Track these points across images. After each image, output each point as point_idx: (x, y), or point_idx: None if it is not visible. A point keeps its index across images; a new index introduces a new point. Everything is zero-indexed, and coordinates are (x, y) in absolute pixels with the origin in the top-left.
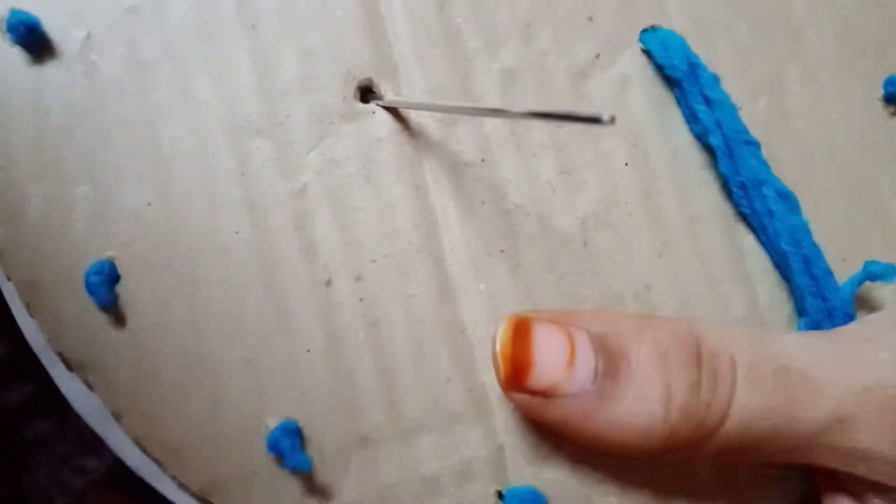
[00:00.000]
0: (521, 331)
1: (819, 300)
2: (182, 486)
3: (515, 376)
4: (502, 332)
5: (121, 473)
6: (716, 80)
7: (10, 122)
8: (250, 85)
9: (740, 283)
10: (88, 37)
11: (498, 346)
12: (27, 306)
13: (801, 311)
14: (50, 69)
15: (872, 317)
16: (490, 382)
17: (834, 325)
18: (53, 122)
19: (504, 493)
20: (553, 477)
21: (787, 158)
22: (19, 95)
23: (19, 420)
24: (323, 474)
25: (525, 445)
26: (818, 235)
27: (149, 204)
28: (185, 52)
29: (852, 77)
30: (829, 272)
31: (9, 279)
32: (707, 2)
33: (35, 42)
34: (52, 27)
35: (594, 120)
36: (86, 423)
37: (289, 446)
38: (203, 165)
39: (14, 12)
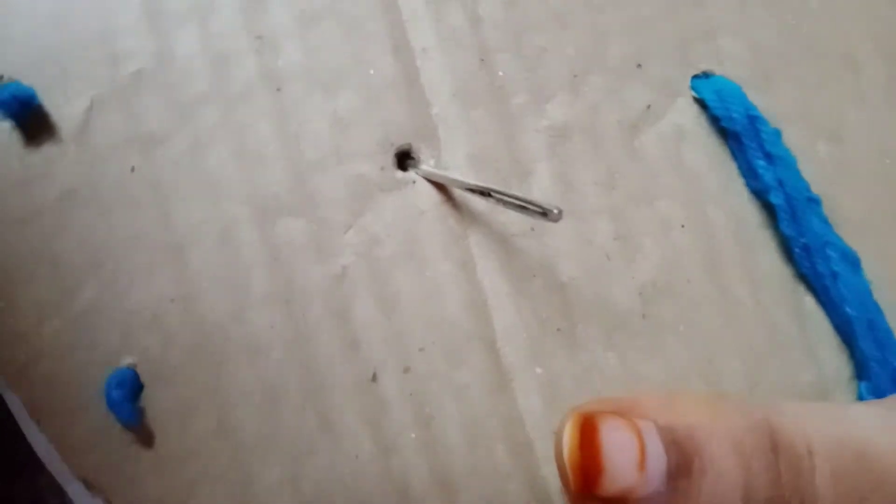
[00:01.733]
0: (587, 432)
1: (882, 365)
2: None
3: (586, 485)
4: (569, 436)
5: None
6: (777, 134)
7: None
8: (276, 157)
9: (805, 349)
10: (90, 107)
11: (566, 453)
12: (37, 423)
13: (861, 375)
14: (46, 149)
15: None
16: (552, 475)
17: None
18: (49, 210)
19: None
20: None
21: (845, 212)
22: (9, 184)
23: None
24: None
25: None
26: (877, 282)
27: (172, 300)
28: (199, 120)
29: None
30: (891, 334)
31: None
32: (764, 35)
33: (30, 117)
34: (50, 97)
35: (543, 213)
36: None
37: None
38: (226, 252)
39: (7, 86)
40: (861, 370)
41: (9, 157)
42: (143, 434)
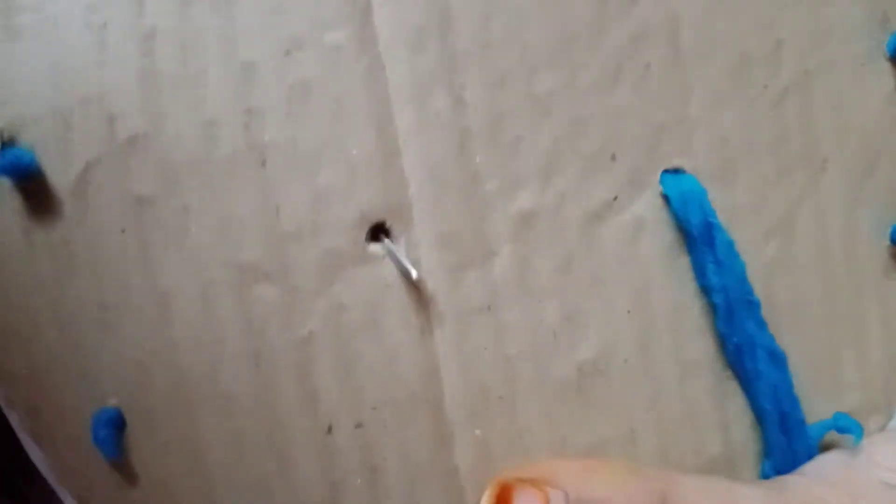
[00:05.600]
0: (503, 496)
1: (787, 450)
2: None
3: None
4: (487, 498)
5: None
6: (730, 244)
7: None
8: (257, 226)
9: (719, 427)
10: (85, 169)
11: None
12: (34, 435)
13: (767, 454)
14: (43, 211)
15: (823, 459)
16: None
17: (795, 467)
18: (48, 268)
19: None
20: None
21: (783, 303)
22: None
23: None
24: None
25: None
26: (799, 377)
27: (154, 352)
28: (187, 188)
29: (864, 216)
30: (802, 423)
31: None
32: (736, 135)
33: (30, 180)
34: (47, 157)
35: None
36: None
37: None
38: (205, 311)
39: (9, 151)
40: (767, 449)
41: (10, 220)
42: (125, 468)
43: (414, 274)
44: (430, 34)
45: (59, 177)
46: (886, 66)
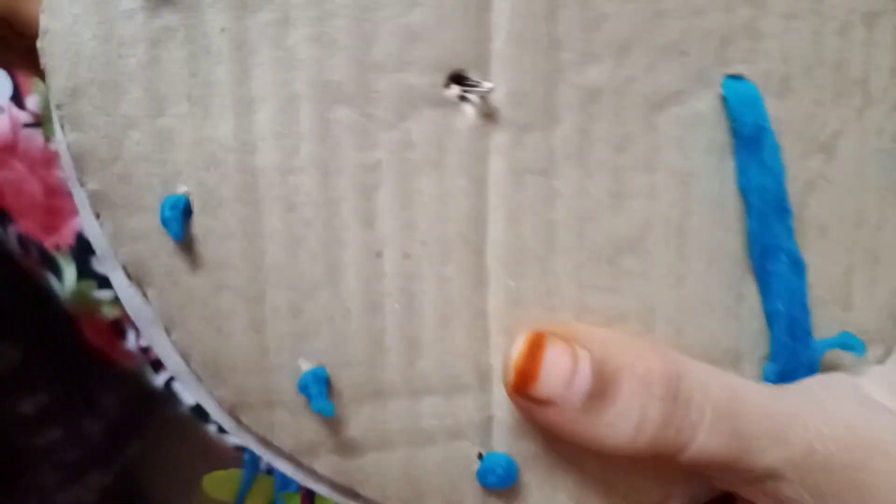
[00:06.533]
0: (535, 347)
1: (791, 356)
2: (216, 399)
3: (521, 386)
4: (520, 346)
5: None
6: (776, 149)
7: (110, 29)
8: (347, 48)
9: (733, 324)
10: None
11: (513, 357)
12: (96, 216)
13: (772, 358)
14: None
15: (825, 378)
16: (496, 366)
17: (797, 378)
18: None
19: (484, 455)
20: (527, 448)
21: (812, 221)
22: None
23: (31, 429)
24: (338, 414)
25: (511, 420)
26: (812, 294)
27: (232, 148)
28: (290, 2)
29: None
30: (807, 333)
31: (81, 185)
32: (801, 51)
33: None
34: None
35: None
36: (100, 427)
37: (316, 392)
38: (284, 120)
39: None
40: (773, 354)
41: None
42: (184, 246)
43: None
44: None
45: None
46: None
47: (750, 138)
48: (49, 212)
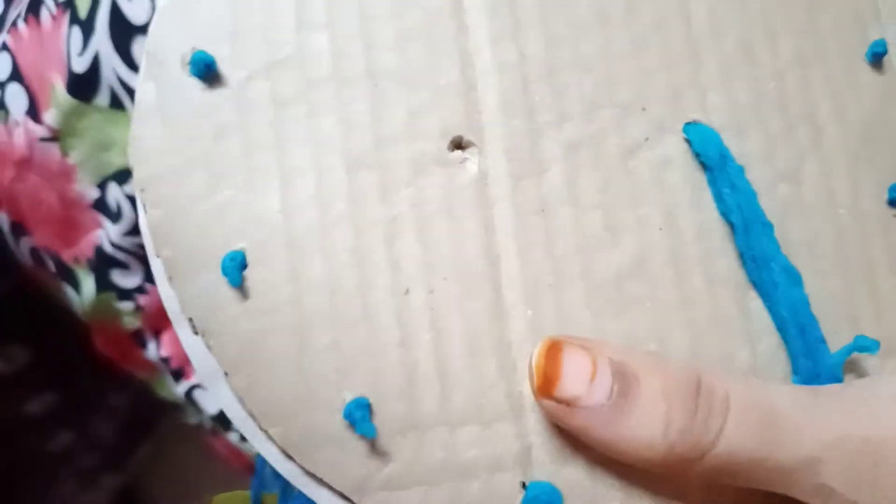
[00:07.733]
0: (553, 350)
1: (810, 363)
2: (269, 437)
3: (546, 385)
4: (538, 349)
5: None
6: (741, 170)
7: (182, 130)
8: (366, 127)
9: (746, 340)
10: (248, 76)
11: (534, 360)
12: (169, 279)
13: (795, 371)
14: (217, 93)
15: (857, 381)
16: (527, 391)
17: (821, 384)
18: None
19: (528, 484)
20: (569, 476)
21: (797, 240)
22: (192, 112)
23: (42, 432)
24: (382, 444)
25: (550, 447)
26: (817, 310)
27: (279, 211)
28: (318, 95)
29: (864, 177)
30: (821, 340)
31: (157, 256)
32: (744, 98)
33: (209, 76)
34: (223, 65)
35: None
36: (112, 431)
37: (360, 416)
38: (318, 186)
39: (196, 54)
40: (794, 366)
41: (194, 97)
42: (241, 295)
43: None
44: (502, 6)
45: (231, 79)
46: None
47: (717, 166)
48: (66, 224)
